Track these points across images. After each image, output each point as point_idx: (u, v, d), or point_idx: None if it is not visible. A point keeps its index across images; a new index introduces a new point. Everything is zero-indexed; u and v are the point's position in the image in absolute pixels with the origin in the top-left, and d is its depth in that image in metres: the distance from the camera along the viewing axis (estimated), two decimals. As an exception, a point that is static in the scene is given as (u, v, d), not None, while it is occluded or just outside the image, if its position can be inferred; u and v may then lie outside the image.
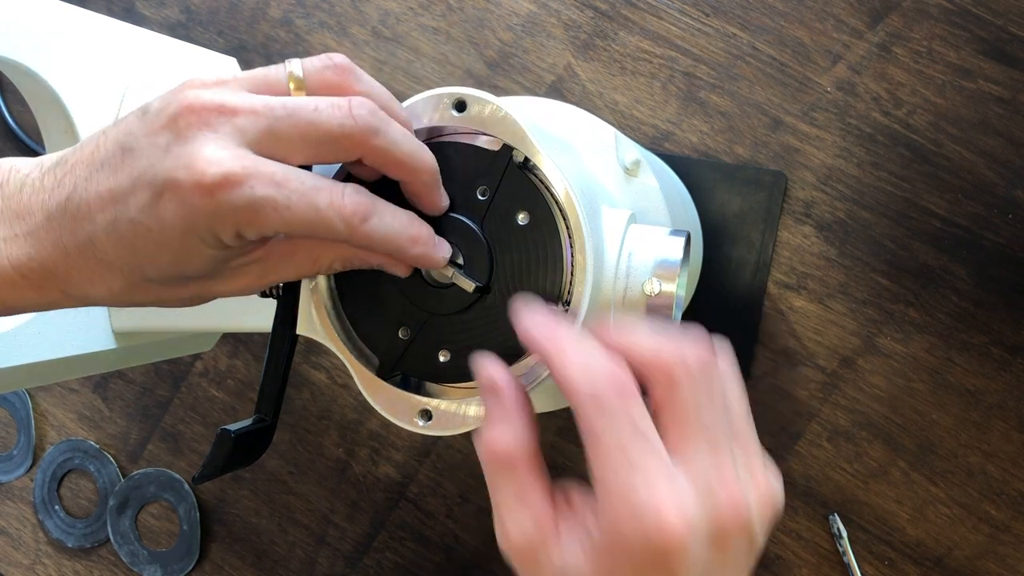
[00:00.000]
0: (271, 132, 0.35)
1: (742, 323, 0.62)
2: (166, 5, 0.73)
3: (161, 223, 0.34)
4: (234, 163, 0.33)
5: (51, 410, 0.77)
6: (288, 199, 0.34)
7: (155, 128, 0.34)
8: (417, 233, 0.37)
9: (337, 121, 0.35)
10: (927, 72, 0.59)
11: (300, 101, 0.35)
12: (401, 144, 0.36)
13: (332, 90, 0.37)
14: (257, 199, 0.33)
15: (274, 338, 0.42)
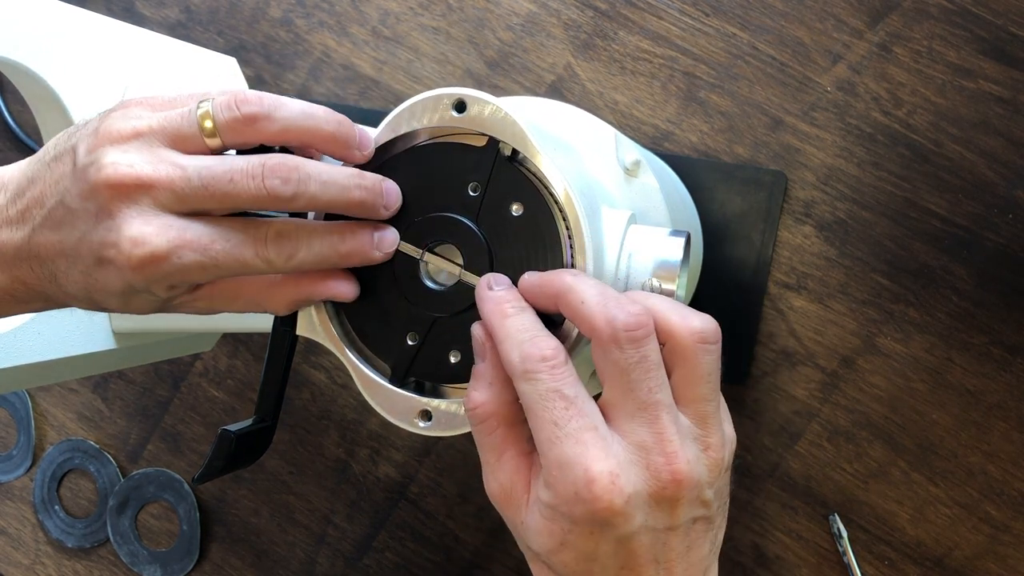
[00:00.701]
0: (189, 201, 0.36)
1: (742, 323, 0.62)
2: (166, 5, 0.73)
3: (104, 283, 0.37)
4: (158, 239, 0.36)
5: (51, 410, 0.77)
6: (215, 259, 0.37)
7: (84, 191, 0.36)
8: (349, 249, 0.39)
9: (251, 194, 0.36)
10: (927, 72, 0.59)
11: (215, 170, 0.36)
12: (327, 192, 0.37)
13: (247, 139, 0.38)
14: (184, 265, 0.36)
15: (274, 339, 0.42)
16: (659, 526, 0.35)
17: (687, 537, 0.36)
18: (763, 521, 0.63)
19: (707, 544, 0.37)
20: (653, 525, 0.35)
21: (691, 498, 0.35)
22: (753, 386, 0.62)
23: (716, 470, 0.36)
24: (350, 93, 0.69)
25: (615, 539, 0.34)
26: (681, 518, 0.35)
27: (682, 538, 0.36)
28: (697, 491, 0.35)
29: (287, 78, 0.70)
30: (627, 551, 0.35)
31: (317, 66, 0.70)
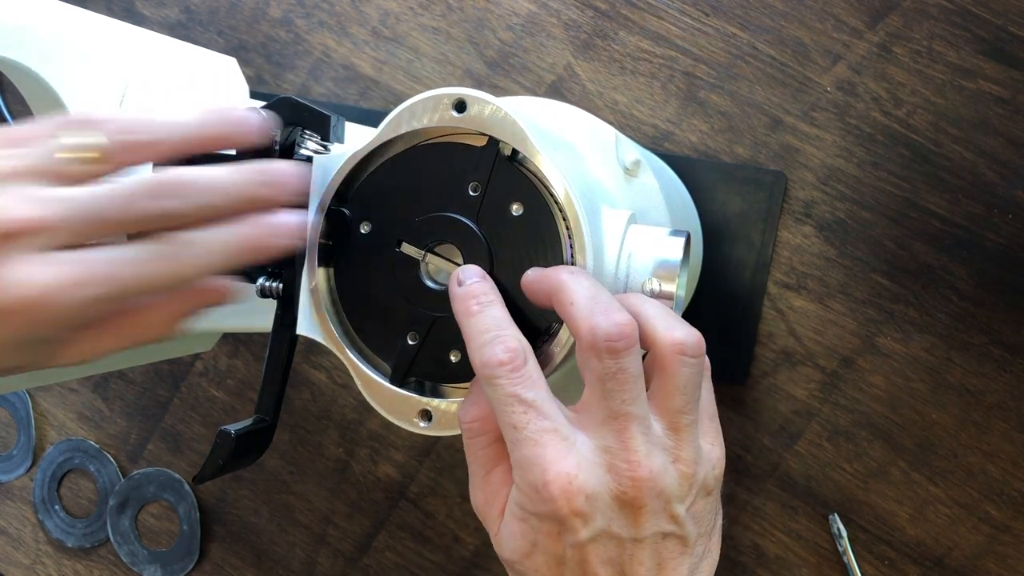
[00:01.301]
0: (73, 234, 0.33)
1: (742, 323, 0.62)
2: (166, 5, 0.73)
3: None
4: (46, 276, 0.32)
5: (51, 410, 0.77)
6: (122, 283, 0.34)
7: None
8: (246, 234, 0.37)
9: (119, 216, 0.34)
10: (927, 72, 0.59)
11: (86, 205, 0.33)
12: (198, 187, 0.36)
13: (97, 169, 0.35)
14: (83, 298, 0.33)
15: (274, 338, 0.42)
16: (623, 534, 0.35)
17: (656, 554, 0.35)
18: (763, 521, 0.63)
19: (683, 569, 0.36)
20: (617, 532, 0.35)
21: (656, 507, 0.35)
22: (753, 386, 0.62)
23: (687, 484, 0.36)
24: (350, 93, 0.69)
25: (577, 542, 0.34)
26: (646, 528, 0.35)
27: (650, 553, 0.35)
28: (662, 501, 0.35)
29: (287, 78, 0.70)
30: (591, 556, 0.35)
31: (317, 66, 0.70)
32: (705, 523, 0.37)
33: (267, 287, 0.43)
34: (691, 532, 0.36)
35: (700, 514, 0.37)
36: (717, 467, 0.38)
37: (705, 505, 0.37)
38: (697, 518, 0.36)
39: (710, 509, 0.37)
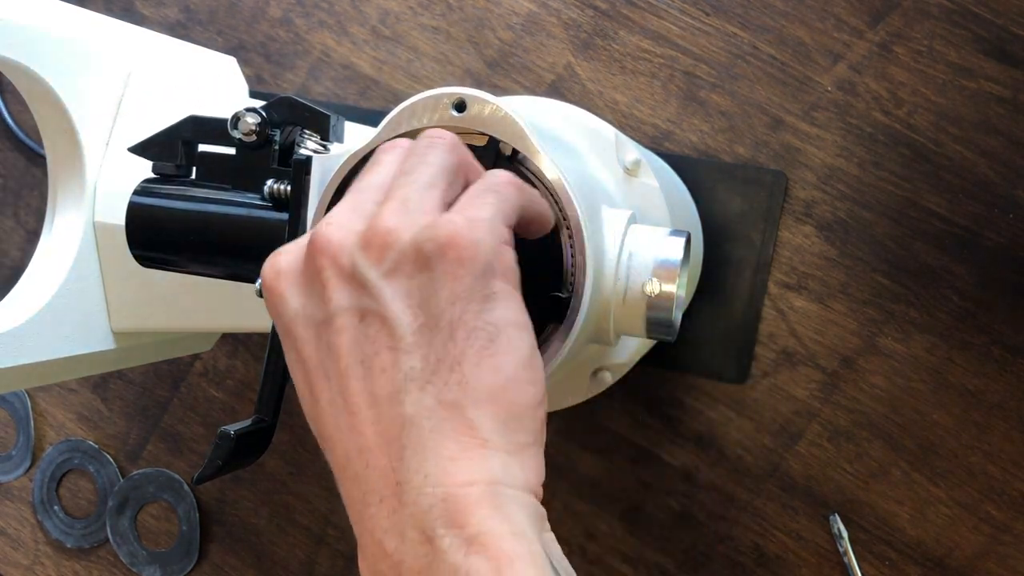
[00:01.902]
0: None
1: (742, 323, 0.62)
2: (165, 4, 0.72)
3: None
4: None
5: (50, 410, 0.77)
6: None
7: None
8: None
9: None
10: (928, 71, 0.59)
11: None
12: None
13: None
14: None
15: (273, 339, 0.42)
16: (316, 315, 0.33)
17: (358, 343, 0.32)
18: (763, 521, 0.63)
19: (397, 373, 0.31)
20: (310, 312, 0.33)
21: (336, 271, 0.32)
22: (753, 386, 0.62)
23: (379, 244, 0.32)
24: (350, 93, 0.69)
25: (283, 329, 0.34)
26: (333, 302, 0.32)
27: (351, 340, 0.32)
28: (338, 264, 0.32)
29: (287, 77, 0.70)
30: (295, 349, 0.34)
31: (317, 66, 0.70)
32: (431, 311, 0.31)
33: (266, 287, 0.42)
34: (396, 312, 0.31)
35: (414, 293, 0.31)
36: (439, 235, 0.32)
37: (423, 283, 0.31)
38: (410, 297, 0.31)
39: (437, 292, 0.31)
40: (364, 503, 0.30)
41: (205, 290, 0.53)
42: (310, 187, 0.42)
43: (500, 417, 0.31)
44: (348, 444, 0.31)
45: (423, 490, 0.29)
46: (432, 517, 0.29)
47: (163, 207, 0.46)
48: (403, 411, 0.30)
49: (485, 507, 0.29)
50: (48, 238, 0.53)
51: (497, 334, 0.31)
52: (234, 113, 0.44)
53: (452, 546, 0.28)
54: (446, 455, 0.30)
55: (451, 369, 0.31)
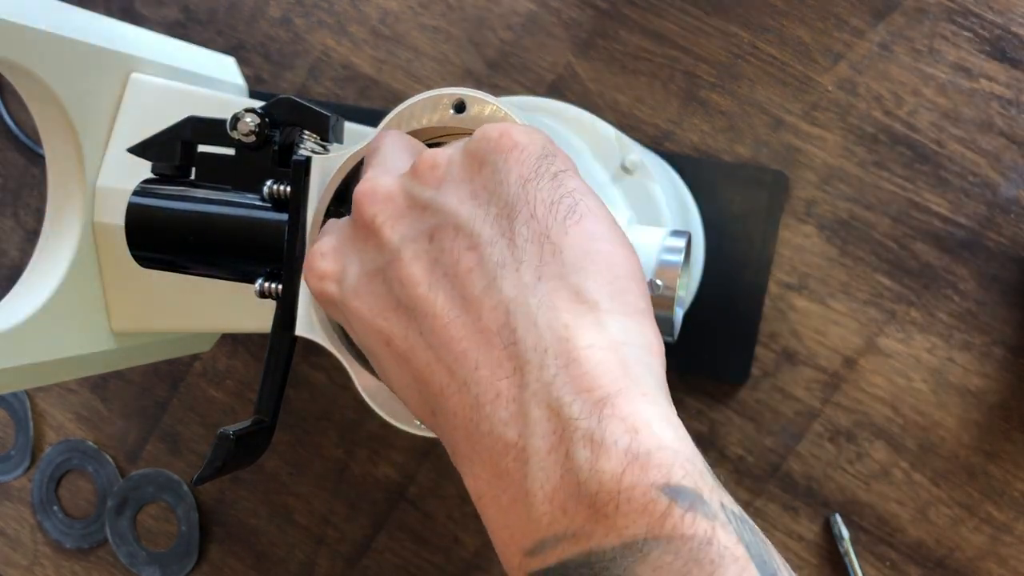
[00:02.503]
0: None
1: (743, 323, 0.62)
2: (164, 4, 0.72)
3: None
4: None
5: (49, 410, 0.77)
6: None
7: None
8: None
9: None
10: (929, 71, 0.59)
11: None
12: None
13: None
14: None
15: (273, 339, 0.42)
16: (376, 262, 0.32)
17: (436, 263, 0.31)
18: (764, 522, 0.62)
19: (487, 266, 0.30)
20: (368, 267, 0.33)
21: (390, 211, 0.32)
22: (754, 386, 0.62)
23: (425, 170, 0.32)
24: (349, 93, 0.69)
25: (341, 315, 0.34)
26: (394, 240, 0.32)
27: (425, 264, 0.31)
28: (390, 200, 0.32)
29: (286, 77, 0.70)
30: (360, 321, 0.33)
31: (316, 65, 0.70)
32: (503, 199, 0.31)
33: (266, 288, 0.42)
34: (466, 213, 0.31)
35: (479, 192, 0.31)
36: (489, 134, 0.32)
37: (486, 178, 0.31)
38: (476, 196, 0.31)
39: (504, 179, 0.31)
40: (476, 408, 0.29)
41: (204, 291, 0.52)
42: (310, 188, 0.41)
43: (605, 281, 0.29)
44: (446, 361, 0.30)
45: (544, 363, 0.28)
46: (557, 387, 0.27)
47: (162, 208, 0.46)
48: (504, 297, 0.29)
49: (612, 368, 0.27)
50: (47, 238, 0.53)
51: (576, 202, 0.30)
52: (233, 114, 0.43)
53: (583, 413, 0.27)
54: (560, 325, 0.28)
55: (540, 244, 0.30)
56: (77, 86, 0.51)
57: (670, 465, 0.26)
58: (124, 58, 0.54)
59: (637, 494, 0.25)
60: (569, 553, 0.26)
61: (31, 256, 0.53)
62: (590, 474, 0.26)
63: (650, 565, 0.25)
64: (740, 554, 0.25)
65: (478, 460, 0.29)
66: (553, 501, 0.27)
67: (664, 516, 0.25)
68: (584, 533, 0.26)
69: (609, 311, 0.29)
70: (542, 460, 0.27)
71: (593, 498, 0.26)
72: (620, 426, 0.26)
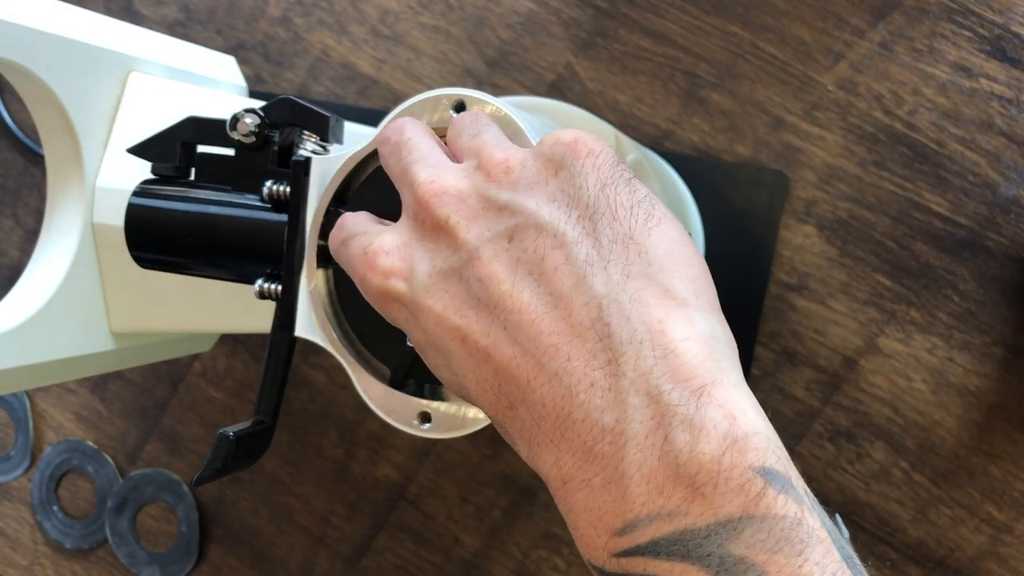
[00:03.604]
0: None
1: (743, 323, 0.62)
2: (164, 4, 0.72)
3: None
4: None
5: (49, 410, 0.77)
6: None
7: None
8: None
9: None
10: (929, 71, 0.59)
11: None
12: None
13: None
14: None
15: (273, 340, 0.42)
16: (451, 262, 0.33)
17: (519, 262, 0.31)
18: (764, 522, 0.62)
19: (575, 264, 0.30)
20: (440, 267, 0.33)
21: (464, 212, 0.33)
22: (754, 386, 0.62)
23: (499, 171, 0.33)
24: (349, 92, 0.69)
25: (407, 312, 0.34)
26: (470, 240, 0.32)
27: (507, 262, 0.31)
28: (465, 202, 0.33)
29: (286, 77, 0.70)
30: (434, 318, 0.33)
31: (316, 65, 0.69)
32: (583, 202, 0.31)
33: (266, 288, 0.42)
34: (548, 215, 0.31)
35: (558, 195, 0.32)
36: (563, 139, 0.33)
37: (564, 181, 0.32)
38: (555, 199, 0.32)
39: (583, 183, 0.32)
40: (569, 397, 0.29)
41: (204, 291, 0.52)
42: (309, 188, 0.41)
43: (688, 279, 0.31)
44: (535, 355, 0.30)
45: (641, 354, 0.29)
46: (655, 376, 0.28)
47: (162, 208, 0.46)
48: (595, 292, 0.30)
49: (706, 359, 0.29)
50: (47, 238, 0.53)
51: (653, 206, 0.32)
52: (233, 114, 0.43)
53: (681, 400, 0.28)
54: (654, 320, 0.29)
55: (625, 245, 0.31)
56: (77, 86, 0.51)
57: (765, 449, 0.28)
58: (124, 58, 0.54)
59: (735, 475, 0.27)
60: (663, 531, 0.28)
61: (31, 256, 0.52)
62: (690, 456, 0.27)
63: (743, 542, 0.26)
64: (824, 537, 0.27)
65: (567, 447, 0.30)
66: (650, 482, 0.28)
67: (759, 496, 0.27)
68: (679, 512, 0.27)
69: (696, 307, 0.31)
70: (640, 443, 0.28)
71: (692, 478, 0.27)
72: (718, 412, 0.28)
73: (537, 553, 0.67)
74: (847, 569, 0.27)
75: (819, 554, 0.27)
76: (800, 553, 0.26)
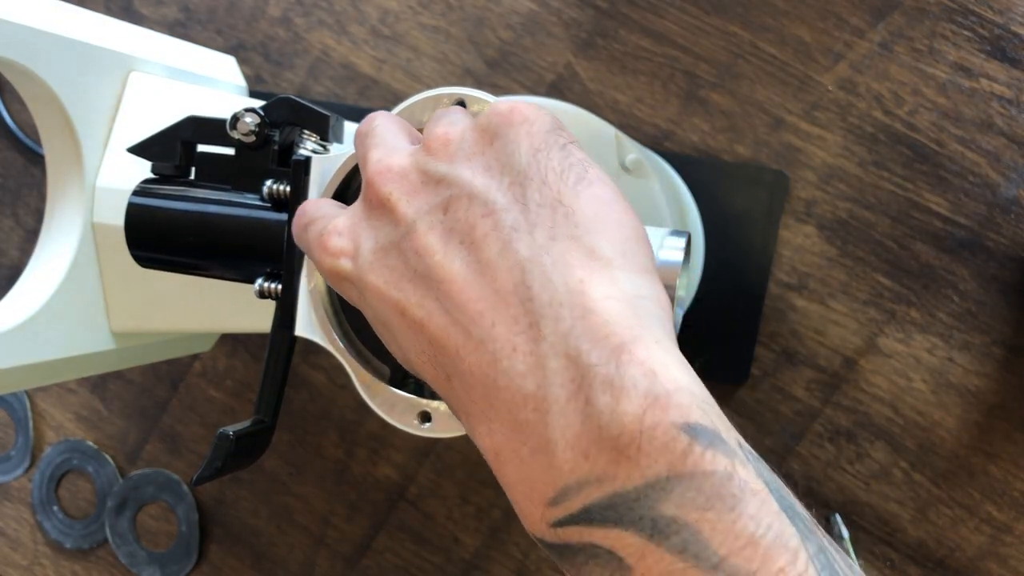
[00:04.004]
0: None
1: (743, 323, 0.62)
2: (164, 4, 0.72)
3: None
4: None
5: (49, 410, 0.77)
6: None
7: None
8: None
9: None
10: (929, 71, 0.59)
11: None
12: None
13: None
14: None
15: (273, 340, 0.42)
16: (391, 236, 0.33)
17: (451, 232, 0.31)
18: (764, 522, 0.62)
19: (501, 230, 0.31)
20: (383, 242, 0.33)
21: (404, 187, 0.33)
22: (754, 387, 0.62)
23: (438, 146, 0.33)
24: (349, 92, 0.69)
25: (356, 291, 0.34)
26: (409, 213, 0.32)
27: (441, 233, 0.32)
28: (404, 177, 0.33)
29: (286, 77, 0.70)
30: (376, 293, 0.33)
31: (316, 65, 0.69)
32: (515, 169, 0.32)
33: (266, 288, 0.42)
34: (481, 184, 0.32)
35: (492, 164, 0.32)
36: (499, 109, 0.33)
37: (498, 150, 0.32)
38: (489, 168, 0.32)
39: (515, 150, 0.32)
40: (493, 364, 0.29)
41: (204, 291, 0.52)
42: (309, 188, 0.41)
43: (616, 240, 0.31)
44: (462, 323, 0.30)
45: (559, 316, 0.28)
46: (574, 337, 0.28)
47: (162, 208, 0.46)
48: (519, 257, 0.30)
49: (627, 317, 0.28)
50: (47, 238, 0.53)
51: (586, 170, 0.32)
52: (233, 114, 0.43)
53: (601, 360, 0.27)
54: (575, 280, 0.29)
55: (553, 208, 0.31)
56: (77, 86, 0.51)
57: (688, 405, 0.27)
58: (124, 58, 0.54)
59: (658, 433, 0.26)
60: (593, 497, 0.27)
61: (31, 256, 0.52)
62: (611, 417, 0.27)
63: (673, 502, 0.26)
64: (759, 488, 0.26)
65: (496, 416, 0.29)
66: (575, 447, 0.27)
67: (685, 454, 0.26)
68: (607, 476, 0.27)
69: (621, 267, 0.30)
70: (562, 408, 0.28)
71: (615, 440, 0.26)
72: (638, 370, 0.27)
73: (537, 553, 0.67)
74: (785, 519, 0.27)
75: (753, 507, 0.26)
76: (733, 508, 0.26)
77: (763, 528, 0.26)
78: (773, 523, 0.26)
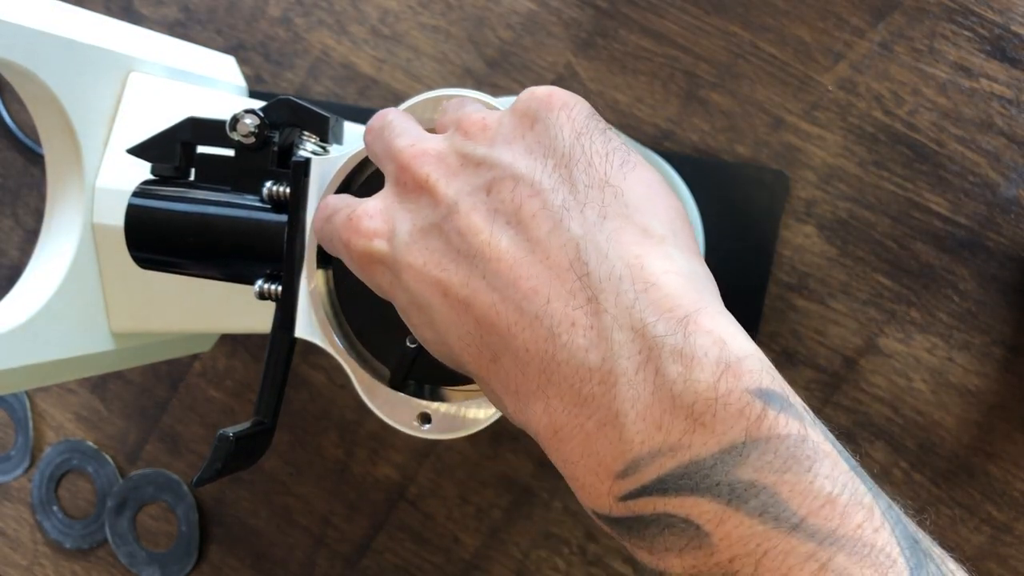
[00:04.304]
0: None
1: (743, 322, 0.62)
2: (164, 4, 0.72)
3: None
4: None
5: (49, 411, 0.77)
6: None
7: None
8: None
9: None
10: (929, 71, 0.59)
11: None
12: None
13: None
14: None
15: (273, 341, 0.42)
16: (431, 218, 0.33)
17: (497, 212, 0.31)
18: (764, 522, 0.62)
19: (551, 209, 0.30)
20: (421, 224, 0.33)
21: (443, 170, 0.33)
22: (754, 386, 0.62)
23: (475, 130, 0.34)
24: (349, 92, 0.69)
25: (389, 273, 0.34)
26: (449, 195, 0.33)
27: (485, 213, 0.31)
28: (443, 159, 0.34)
29: (286, 77, 0.70)
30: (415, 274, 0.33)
31: (316, 65, 0.69)
32: (559, 152, 0.32)
33: (266, 289, 0.42)
34: (525, 166, 0.32)
35: (534, 147, 0.32)
36: (537, 94, 0.33)
37: (540, 134, 0.32)
38: (531, 151, 0.32)
39: (558, 134, 0.32)
40: (551, 339, 0.29)
41: (204, 292, 0.52)
42: (309, 189, 0.41)
43: (666, 220, 0.31)
44: (514, 300, 0.30)
45: (621, 289, 0.29)
46: (638, 310, 0.28)
47: (162, 209, 0.46)
48: (572, 234, 0.30)
49: (688, 290, 0.29)
50: (47, 239, 0.53)
51: (628, 153, 0.32)
52: (233, 115, 0.43)
53: (668, 330, 0.27)
54: (632, 256, 0.29)
55: (601, 189, 0.31)
56: (77, 86, 0.51)
57: (759, 371, 0.27)
58: (124, 58, 0.54)
59: (732, 400, 0.26)
60: (667, 467, 0.27)
61: (31, 256, 0.52)
62: (684, 386, 0.27)
63: (751, 466, 0.26)
64: (829, 450, 0.27)
65: (555, 392, 0.29)
66: (646, 418, 0.27)
67: (760, 419, 0.26)
68: (682, 445, 0.27)
69: (674, 245, 0.31)
70: (631, 379, 0.28)
71: (690, 409, 0.27)
72: (707, 339, 0.27)
73: (537, 553, 0.67)
74: (856, 478, 0.27)
75: (827, 467, 0.27)
76: (809, 469, 0.26)
77: (839, 487, 0.27)
78: (848, 482, 0.27)
